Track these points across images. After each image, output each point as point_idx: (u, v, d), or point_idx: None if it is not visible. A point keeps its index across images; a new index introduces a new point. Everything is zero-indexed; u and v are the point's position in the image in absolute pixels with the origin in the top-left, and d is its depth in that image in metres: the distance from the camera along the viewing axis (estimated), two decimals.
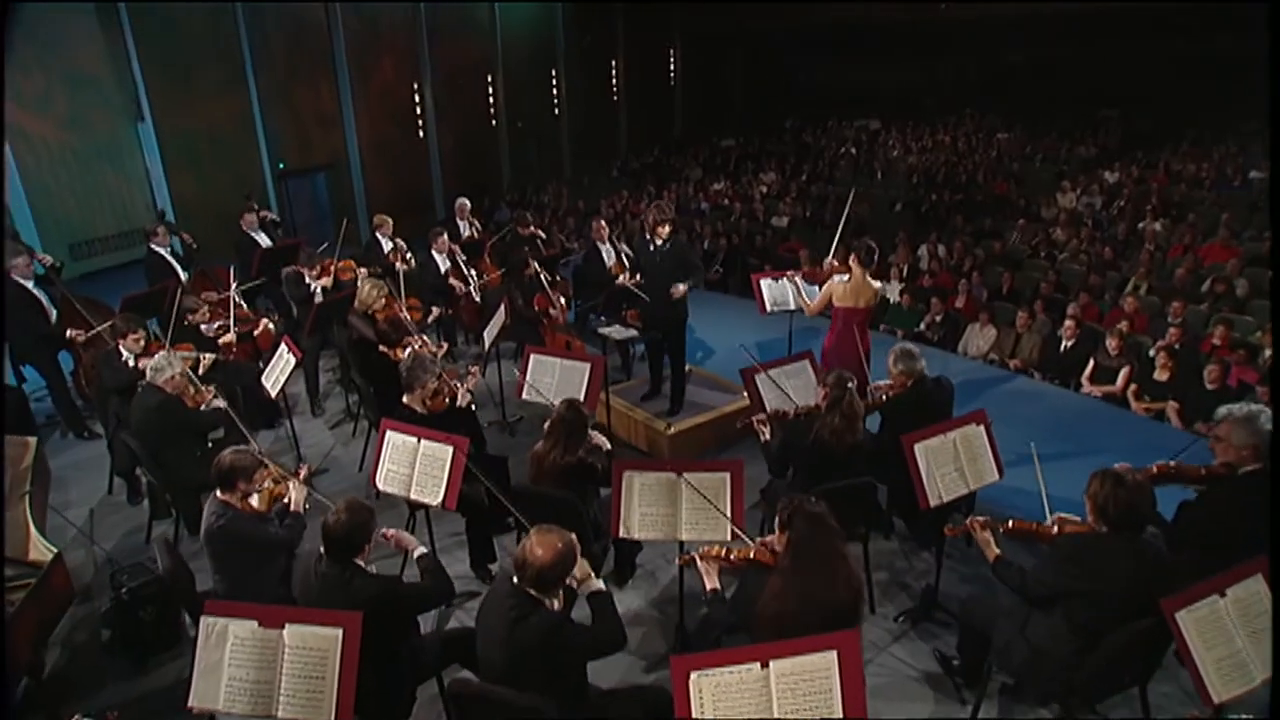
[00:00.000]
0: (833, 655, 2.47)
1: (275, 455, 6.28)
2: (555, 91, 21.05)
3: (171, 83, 13.60)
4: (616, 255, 8.03)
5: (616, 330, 5.93)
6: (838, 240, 6.56)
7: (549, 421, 4.20)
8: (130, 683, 4.08)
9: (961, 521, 3.60)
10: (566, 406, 4.20)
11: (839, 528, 2.95)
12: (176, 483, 4.74)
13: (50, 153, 12.46)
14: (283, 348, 5.52)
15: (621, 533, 3.70)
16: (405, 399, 4.79)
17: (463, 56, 18.58)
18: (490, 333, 6.47)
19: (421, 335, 6.33)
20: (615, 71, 22.75)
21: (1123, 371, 7.37)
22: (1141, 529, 3.14)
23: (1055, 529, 3.32)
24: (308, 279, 7.10)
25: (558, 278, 8.10)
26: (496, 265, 8.77)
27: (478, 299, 8.07)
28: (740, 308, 9.51)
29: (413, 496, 4.05)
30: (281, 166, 15.50)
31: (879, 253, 5.84)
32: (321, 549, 3.13)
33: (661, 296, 6.01)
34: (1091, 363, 7.63)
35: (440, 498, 3.95)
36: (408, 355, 5.09)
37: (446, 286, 8.01)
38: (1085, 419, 6.90)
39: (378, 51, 16.88)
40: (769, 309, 6.72)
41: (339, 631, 2.72)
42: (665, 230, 5.90)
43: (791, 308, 6.64)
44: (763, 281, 6.78)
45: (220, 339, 6.21)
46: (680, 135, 24.68)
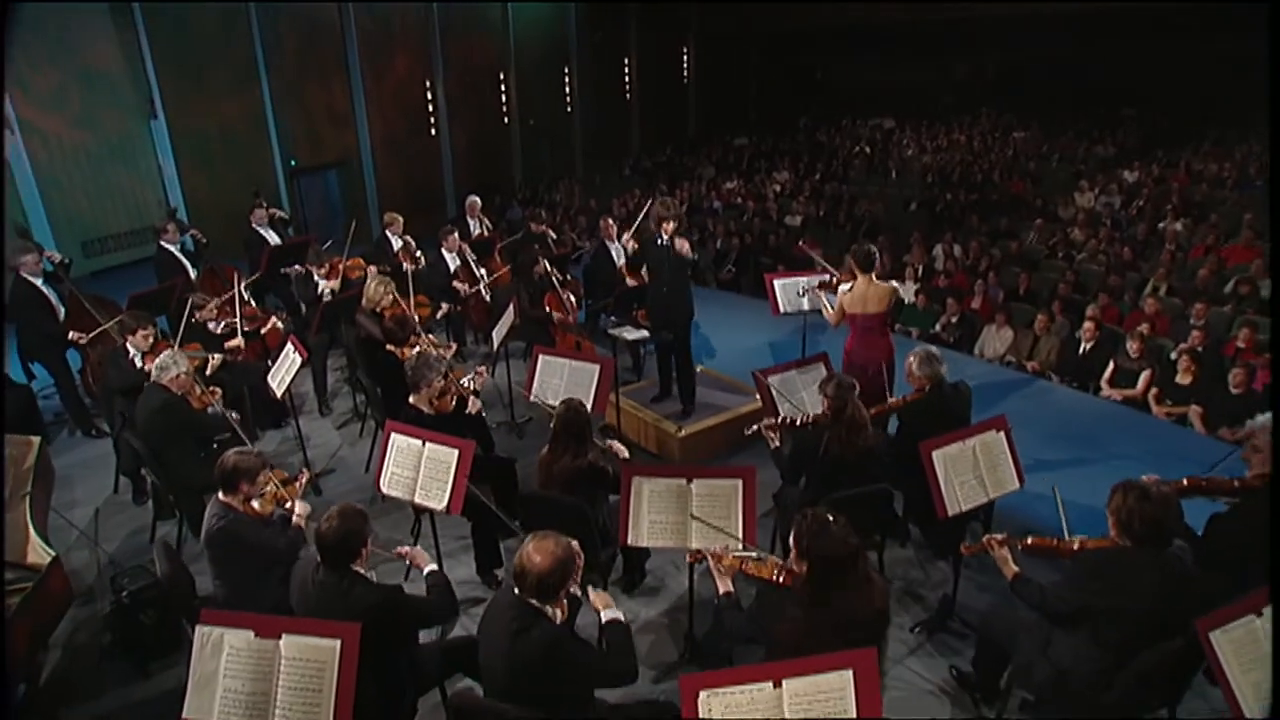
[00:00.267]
0: (848, 674, 2.36)
1: (282, 455, 6.26)
2: (568, 90, 20.97)
3: (184, 80, 13.61)
4: (625, 254, 7.92)
5: (627, 331, 5.84)
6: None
7: (552, 426, 4.11)
8: (130, 687, 4.02)
9: (979, 534, 3.49)
10: (566, 408, 4.10)
11: (861, 548, 2.82)
12: (179, 484, 4.68)
13: (63, 150, 12.48)
14: (289, 347, 5.45)
15: (630, 540, 3.60)
16: (411, 399, 4.71)
17: (475, 55, 18.53)
18: (499, 332, 6.39)
19: (429, 335, 6.26)
20: (628, 70, 22.64)
21: (1144, 375, 7.21)
22: (1167, 544, 3.02)
23: (1076, 545, 3.20)
24: (316, 277, 7.04)
25: (568, 277, 8.02)
26: (507, 264, 8.69)
27: (487, 298, 7.99)
28: (753, 308, 9.39)
29: (417, 500, 3.97)
30: (293, 164, 15.50)
31: (879, 256, 5.72)
32: (317, 557, 3.05)
33: (667, 292, 5.94)
34: (1111, 365, 7.48)
35: (445, 502, 3.87)
36: (414, 354, 5.00)
37: (453, 286, 7.94)
38: (1105, 423, 6.75)
39: (390, 50, 16.85)
40: (782, 310, 6.61)
41: (337, 643, 2.64)
42: (670, 227, 5.86)
43: (805, 309, 6.52)
44: (776, 282, 6.66)
45: (227, 342, 6.14)
46: (693, 134, 24.56)
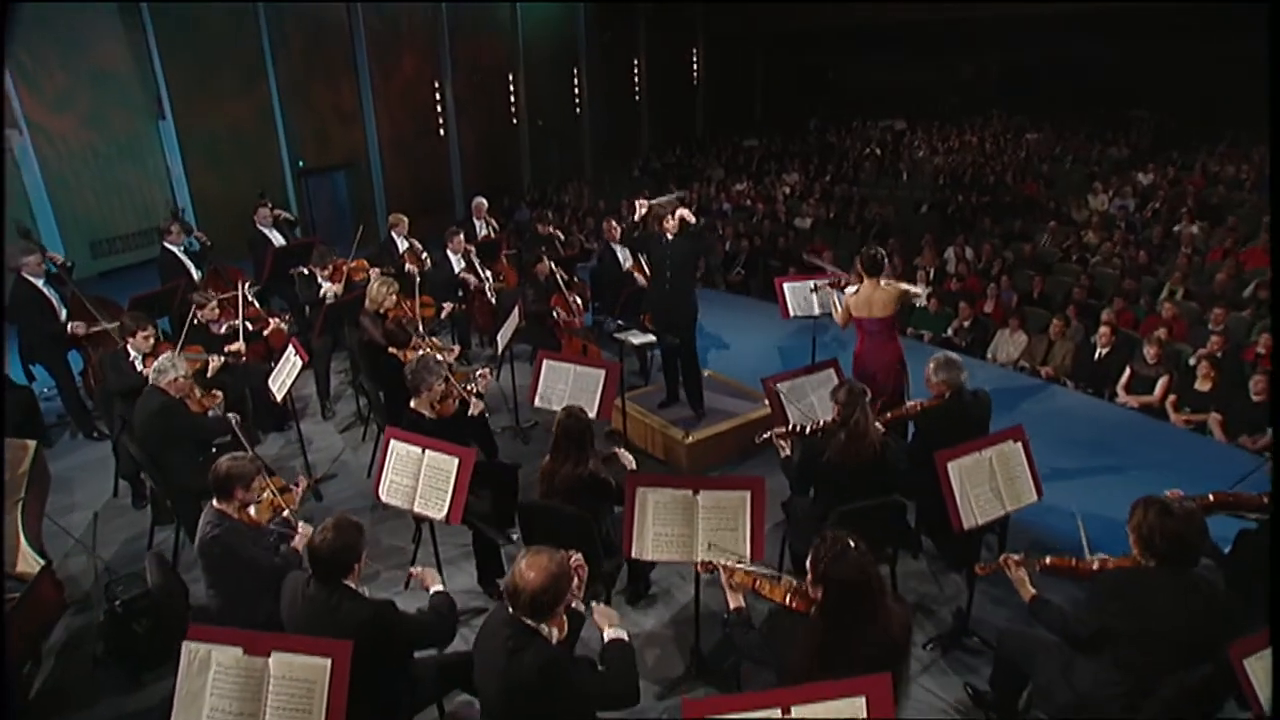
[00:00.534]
0: (861, 702, 2.25)
1: (284, 459, 6.18)
2: (576, 90, 20.90)
3: (192, 81, 13.60)
4: (633, 256, 7.84)
5: (633, 335, 5.73)
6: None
7: (552, 434, 4.00)
8: (123, 697, 3.94)
9: (994, 546, 3.37)
10: (566, 414, 3.99)
11: (880, 575, 2.69)
12: (177, 489, 4.59)
13: (71, 150, 12.48)
14: (290, 350, 5.37)
15: (634, 553, 3.49)
16: (413, 403, 4.63)
17: (484, 55, 18.48)
18: (504, 335, 6.29)
19: (433, 337, 6.17)
20: (637, 71, 22.56)
21: (1161, 381, 7.06)
22: (1193, 562, 2.88)
23: (1096, 565, 3.07)
24: (319, 279, 6.96)
25: (575, 279, 7.92)
26: (513, 265, 8.62)
27: (492, 299, 7.90)
28: (762, 311, 9.28)
29: (416, 510, 3.87)
30: (301, 165, 15.47)
31: (887, 259, 5.59)
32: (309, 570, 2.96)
33: (670, 291, 5.83)
34: (1127, 371, 7.33)
35: (444, 512, 3.77)
36: (415, 357, 4.91)
37: (461, 282, 7.85)
38: (1121, 431, 6.61)
39: (398, 50, 16.81)
40: (792, 313, 6.48)
41: (327, 662, 2.54)
42: (670, 224, 5.76)
43: (815, 313, 6.40)
44: (786, 285, 6.53)
45: (229, 346, 6.07)
46: (702, 135, 24.45)
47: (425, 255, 8.31)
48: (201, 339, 6.13)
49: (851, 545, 2.65)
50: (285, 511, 3.78)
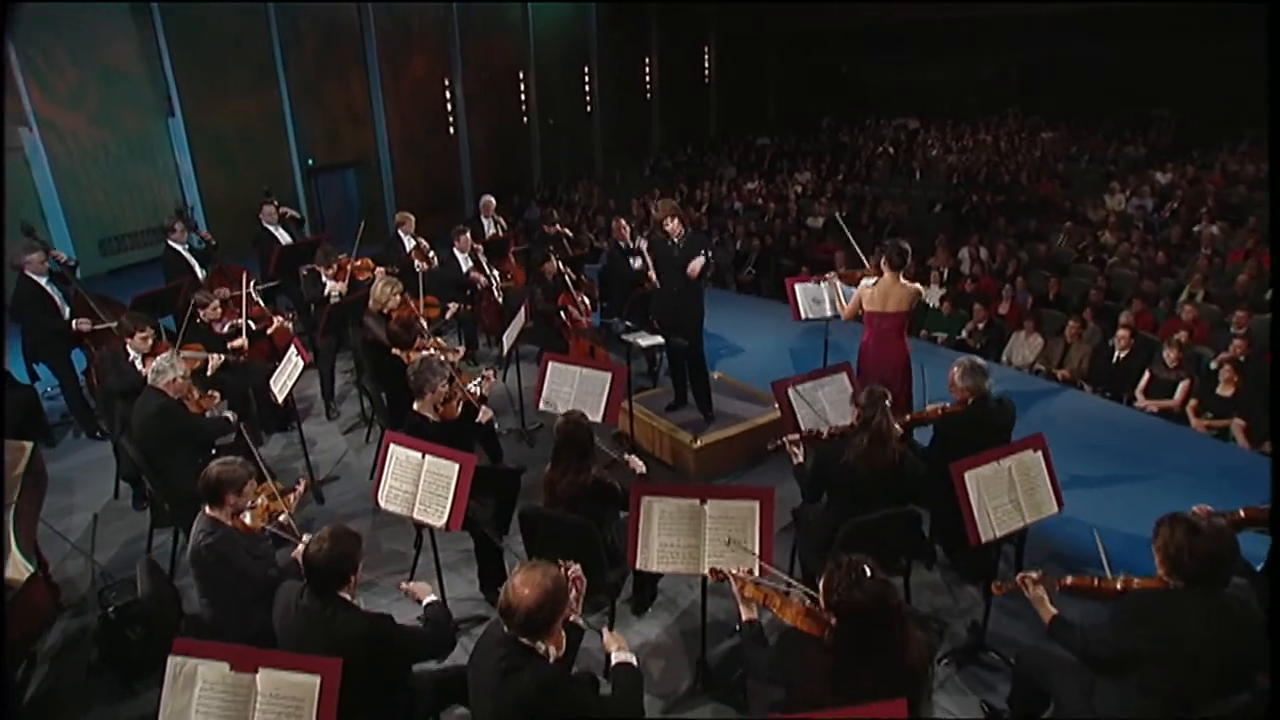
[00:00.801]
0: None
1: (286, 460, 6.10)
2: (587, 89, 20.80)
3: (202, 79, 13.60)
4: (641, 257, 7.72)
5: (641, 337, 5.61)
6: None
7: (554, 442, 3.89)
8: (117, 705, 3.86)
9: (1011, 558, 3.22)
10: (566, 421, 3.87)
11: (900, 602, 2.55)
12: (176, 492, 4.50)
13: (81, 148, 12.49)
14: (291, 351, 5.28)
15: (639, 564, 3.37)
16: (416, 405, 4.53)
17: (494, 54, 18.41)
18: (510, 335, 6.19)
19: (438, 337, 6.07)
20: (649, 69, 22.45)
21: (1182, 385, 6.89)
22: (1224, 582, 2.72)
23: (1119, 585, 2.92)
24: (323, 278, 6.88)
25: (582, 278, 7.81)
26: (521, 264, 8.52)
27: (499, 299, 7.81)
28: (773, 311, 9.14)
29: (416, 516, 3.77)
30: (311, 163, 15.44)
31: (911, 254, 5.44)
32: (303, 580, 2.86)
33: (677, 294, 5.73)
34: (1147, 375, 7.16)
35: (444, 519, 3.66)
36: (418, 358, 4.81)
37: (468, 284, 7.76)
38: (1141, 437, 6.45)
39: (409, 49, 16.76)
40: (803, 315, 6.34)
41: (316, 679, 2.44)
42: (675, 225, 5.64)
43: (828, 314, 6.27)
44: (797, 286, 6.40)
45: (231, 343, 6.00)
46: (714, 133, 24.31)
47: (432, 254, 8.23)
48: (202, 338, 6.06)
49: (868, 573, 2.50)
50: (282, 516, 3.68)
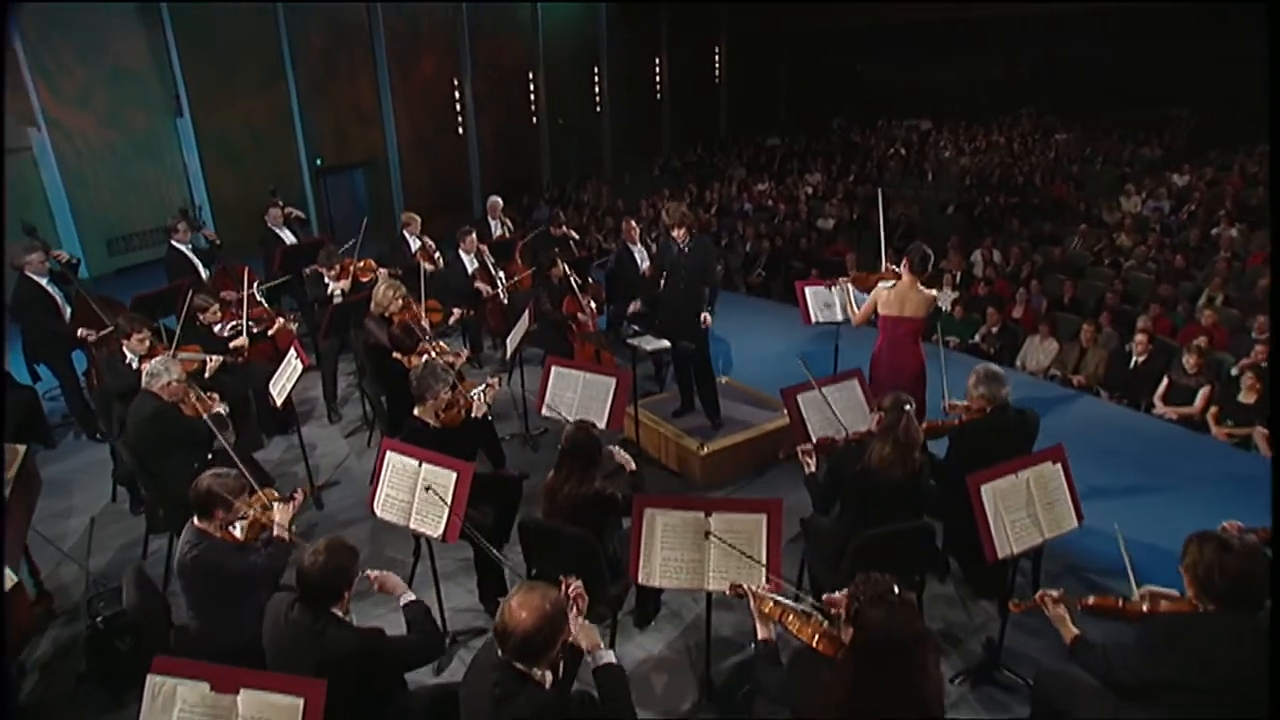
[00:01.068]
0: None
1: (286, 464, 6.01)
2: (597, 89, 20.72)
3: (211, 78, 13.58)
4: (650, 258, 7.61)
5: (647, 340, 5.49)
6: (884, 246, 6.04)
7: (560, 449, 3.78)
8: (106, 717, 3.76)
9: (1028, 572, 3.08)
10: (575, 429, 3.76)
11: (926, 634, 2.41)
12: (170, 496, 4.41)
13: (90, 147, 12.48)
14: (291, 353, 5.19)
15: (641, 579, 3.24)
16: (416, 411, 4.42)
17: (504, 54, 18.35)
18: (513, 339, 6.08)
19: (440, 341, 5.97)
20: (659, 69, 22.35)
21: (1202, 392, 6.72)
22: (1258, 604, 2.57)
23: (1145, 606, 2.77)
24: (326, 279, 6.79)
25: (589, 280, 7.70)
26: (527, 266, 8.40)
27: (505, 301, 7.70)
28: (783, 314, 9.00)
29: (412, 526, 3.66)
30: (319, 163, 15.40)
31: (934, 260, 5.30)
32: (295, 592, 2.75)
33: (682, 298, 5.62)
34: (1165, 381, 6.99)
35: (441, 530, 3.55)
36: (420, 363, 4.70)
37: (473, 288, 7.67)
38: (1159, 445, 6.28)
39: (418, 49, 16.72)
40: (814, 319, 6.21)
41: (300, 702, 2.33)
42: (682, 232, 5.55)
43: (839, 319, 6.13)
44: (807, 289, 6.26)
45: (231, 343, 5.91)
46: (724, 134, 24.19)
47: (438, 254, 8.14)
48: (202, 338, 5.98)
49: (895, 591, 2.37)
50: (277, 528, 3.57)
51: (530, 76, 18.99)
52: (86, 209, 12.46)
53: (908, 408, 3.72)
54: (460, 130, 17.86)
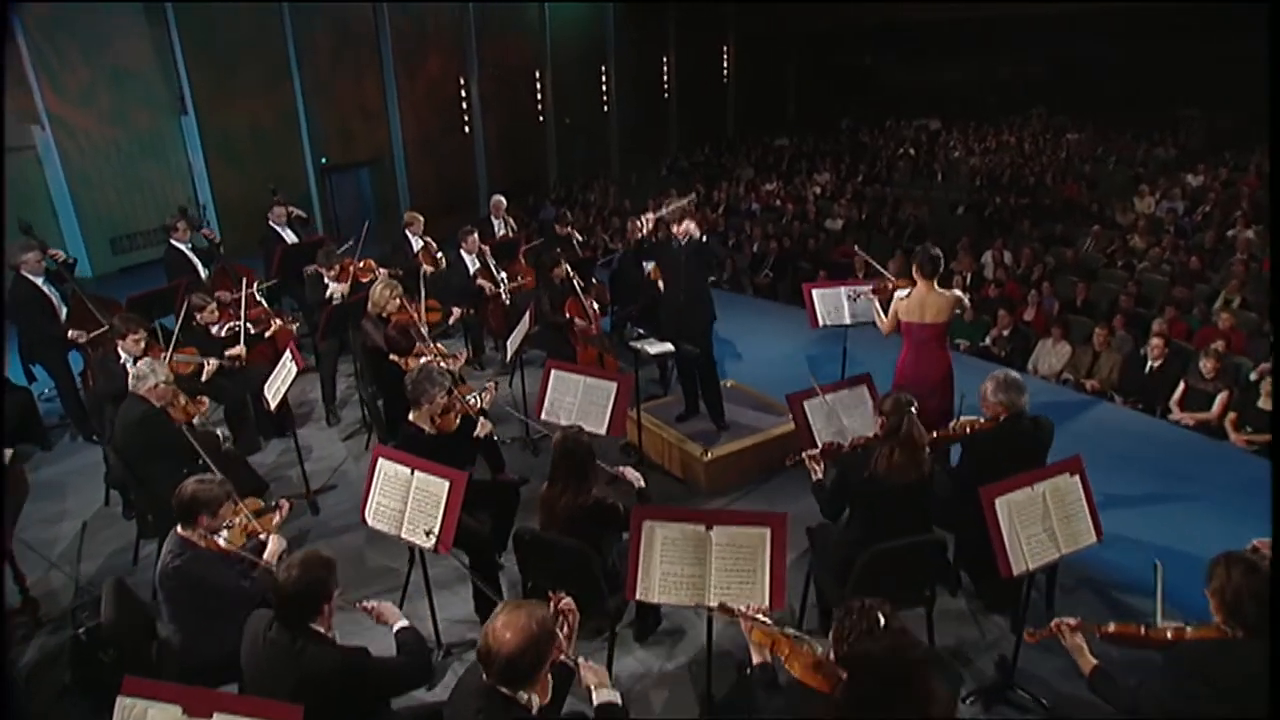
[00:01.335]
0: None
1: (281, 468, 5.90)
2: (605, 88, 20.61)
3: (215, 77, 13.53)
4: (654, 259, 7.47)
5: (650, 343, 5.36)
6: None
7: (551, 459, 3.65)
8: None
9: (1042, 586, 2.93)
10: (564, 438, 3.62)
11: (921, 656, 2.27)
12: (158, 503, 4.30)
13: (94, 146, 12.43)
14: (286, 355, 5.08)
15: (639, 594, 3.10)
16: (411, 416, 4.30)
17: (511, 53, 18.26)
18: (513, 341, 5.95)
19: (439, 343, 5.85)
20: (666, 68, 22.23)
21: (1219, 397, 6.56)
22: None
23: (1170, 633, 2.62)
24: (325, 279, 6.69)
25: (593, 281, 7.57)
26: (531, 267, 8.29)
27: (507, 302, 7.58)
28: (789, 316, 8.85)
29: (404, 536, 3.54)
30: (325, 162, 15.33)
31: (944, 261, 5.15)
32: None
33: (684, 298, 5.51)
34: (1182, 386, 6.83)
35: (433, 540, 3.43)
36: (416, 366, 4.59)
37: (475, 288, 7.55)
38: (1176, 451, 6.13)
39: (424, 49, 16.64)
40: (821, 322, 6.06)
41: None
42: (684, 228, 5.43)
43: (846, 321, 5.99)
44: (815, 292, 6.11)
45: (228, 350, 5.80)
46: (732, 134, 24.05)
47: (440, 255, 8.03)
48: (199, 340, 5.87)
49: (882, 620, 2.23)
50: (263, 536, 3.47)
51: (537, 76, 18.89)
52: (90, 208, 12.41)
53: (912, 409, 3.59)
54: (466, 130, 17.77)
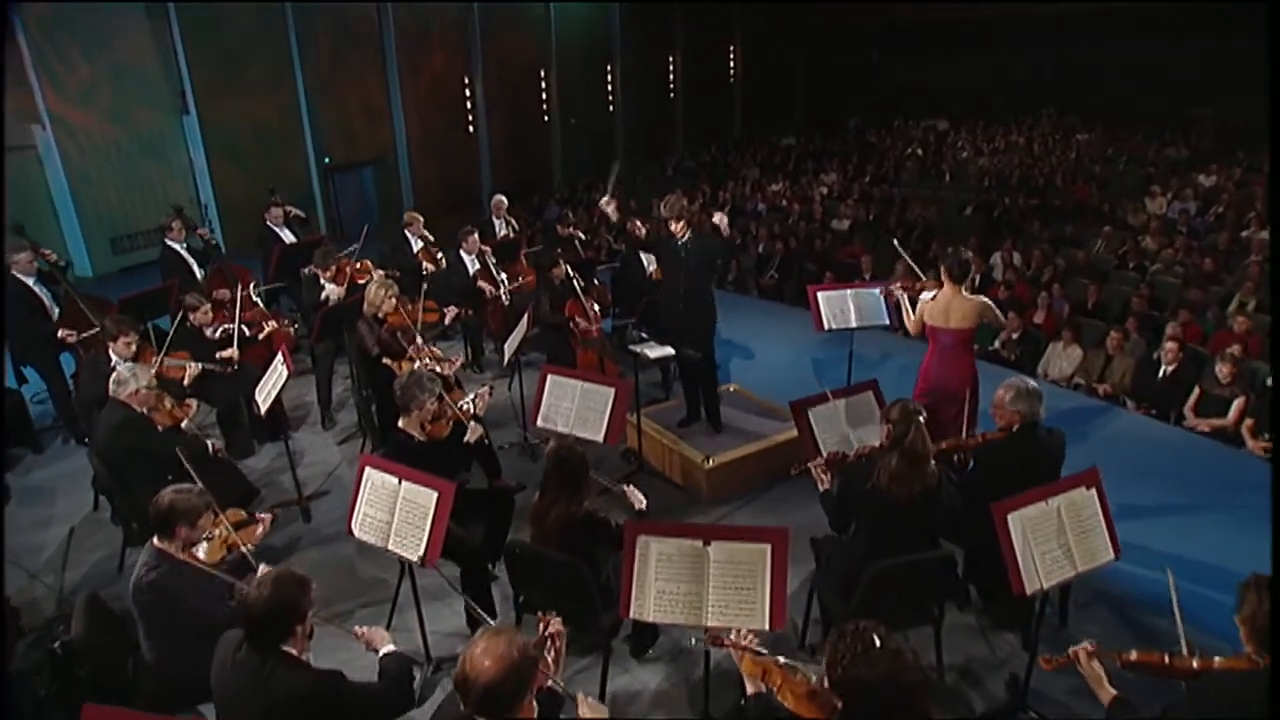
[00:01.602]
0: None
1: (273, 474, 5.77)
2: (610, 88, 20.48)
3: (217, 76, 13.45)
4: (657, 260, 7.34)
5: (651, 348, 5.22)
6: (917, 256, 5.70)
7: (544, 469, 3.51)
8: None
9: (1055, 603, 2.77)
10: (558, 447, 3.49)
11: (919, 681, 2.14)
12: (141, 510, 4.16)
13: (94, 145, 12.35)
14: (278, 359, 4.96)
15: (633, 613, 2.95)
16: (401, 422, 4.17)
17: (515, 52, 18.16)
18: (511, 343, 5.82)
19: (434, 347, 5.72)
20: (672, 68, 22.10)
21: (1236, 403, 6.38)
22: None
23: (1197, 663, 2.47)
24: (322, 280, 6.57)
25: (594, 282, 7.43)
26: (532, 268, 8.16)
27: (507, 303, 7.46)
28: (795, 318, 8.68)
29: (390, 548, 3.41)
30: (328, 161, 15.23)
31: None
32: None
33: (684, 298, 5.37)
34: (1197, 391, 6.65)
35: (420, 552, 3.30)
36: (405, 371, 4.46)
37: (474, 289, 7.43)
38: (1191, 459, 5.95)
39: (429, 48, 16.55)
40: (826, 326, 5.91)
41: None
42: (679, 226, 5.28)
43: (852, 325, 5.84)
44: (820, 294, 5.95)
45: (220, 353, 5.69)
46: (739, 133, 23.90)
47: (440, 255, 7.92)
48: (191, 344, 5.76)
49: (877, 643, 2.11)
50: (244, 548, 3.34)
51: (542, 75, 18.78)
52: (91, 207, 12.34)
53: (919, 418, 3.44)
54: (471, 129, 17.67)
